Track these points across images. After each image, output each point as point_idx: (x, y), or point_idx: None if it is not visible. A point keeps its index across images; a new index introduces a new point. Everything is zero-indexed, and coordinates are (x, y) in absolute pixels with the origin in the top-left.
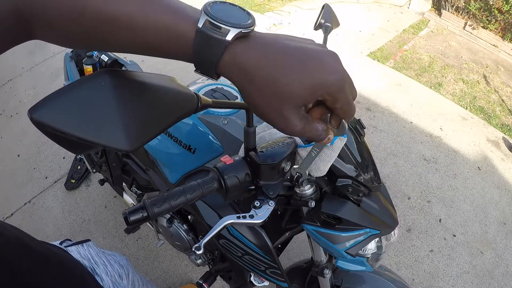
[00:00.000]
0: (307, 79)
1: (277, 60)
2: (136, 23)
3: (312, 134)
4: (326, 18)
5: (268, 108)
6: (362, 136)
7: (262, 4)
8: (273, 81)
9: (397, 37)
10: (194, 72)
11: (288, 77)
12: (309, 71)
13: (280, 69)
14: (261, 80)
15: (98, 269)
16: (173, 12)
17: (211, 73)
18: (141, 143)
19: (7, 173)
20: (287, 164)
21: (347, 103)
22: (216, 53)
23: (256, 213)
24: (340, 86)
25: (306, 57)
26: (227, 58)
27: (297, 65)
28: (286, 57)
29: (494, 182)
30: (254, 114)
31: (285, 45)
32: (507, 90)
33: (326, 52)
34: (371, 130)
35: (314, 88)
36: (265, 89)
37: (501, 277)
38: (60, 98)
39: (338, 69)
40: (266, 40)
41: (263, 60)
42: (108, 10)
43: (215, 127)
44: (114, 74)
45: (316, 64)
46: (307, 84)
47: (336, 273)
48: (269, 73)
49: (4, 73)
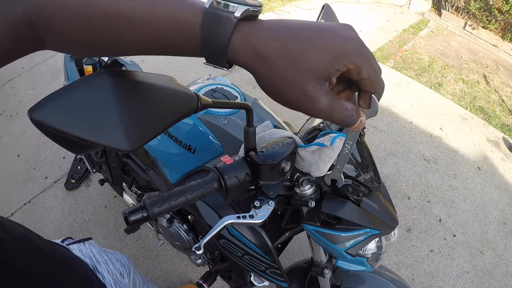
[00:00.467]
0: (326, 49)
1: (291, 35)
2: (141, 18)
3: (341, 115)
4: (326, 18)
5: (288, 87)
6: (362, 136)
7: (262, 4)
8: (289, 57)
9: (397, 37)
10: (193, 73)
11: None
12: (326, 41)
13: (295, 43)
14: (276, 58)
15: (99, 267)
16: (179, 2)
17: (221, 58)
18: (141, 143)
19: (7, 173)
20: (287, 164)
21: (374, 71)
22: (225, 32)
23: (256, 213)
24: (361, 51)
25: (319, 30)
26: (237, 38)
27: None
28: (299, 32)
29: (494, 182)
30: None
31: (295, 22)
32: (507, 90)
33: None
34: (371, 130)
35: (335, 56)
36: (281, 67)
37: (501, 277)
38: (60, 98)
39: (355, 36)
40: (275, 21)
41: (276, 37)
42: (112, 9)
43: (215, 127)
44: (114, 74)
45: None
46: (326, 54)
47: (336, 273)
48: (284, 49)
49: (4, 73)
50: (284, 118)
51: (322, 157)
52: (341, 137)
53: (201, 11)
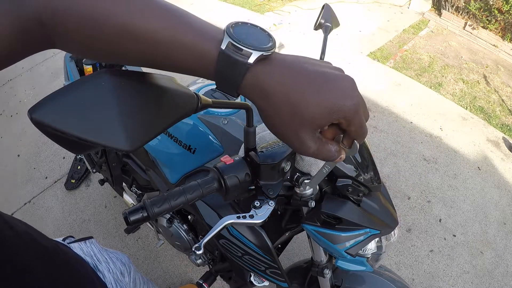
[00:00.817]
0: (325, 103)
1: (297, 84)
2: (159, 41)
3: (325, 155)
4: (326, 18)
5: (285, 129)
6: None
7: (262, 4)
8: (292, 104)
9: (397, 37)
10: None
11: (307, 101)
12: (327, 96)
13: (300, 93)
14: (280, 102)
15: (100, 266)
16: (196, 32)
17: (232, 92)
18: (141, 143)
19: (7, 173)
20: (287, 164)
21: (361, 125)
22: (238, 74)
23: (256, 213)
24: (356, 110)
25: (324, 81)
26: (248, 79)
27: (316, 89)
28: (305, 81)
29: (494, 182)
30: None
31: (304, 68)
32: (507, 90)
33: (344, 76)
34: (371, 130)
35: (332, 112)
36: (283, 111)
37: (501, 277)
38: (60, 98)
39: (355, 94)
40: (286, 62)
41: (283, 83)
42: (132, 26)
43: (215, 127)
44: (114, 74)
45: (334, 88)
46: (324, 109)
47: (336, 273)
48: (289, 96)
49: (4, 73)
50: None
51: None
52: None
53: (217, 47)
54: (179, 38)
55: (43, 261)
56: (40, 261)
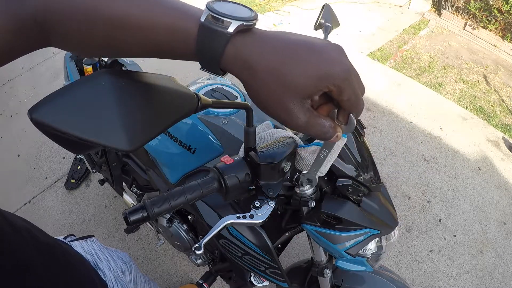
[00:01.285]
0: (311, 69)
1: (280, 52)
2: (142, 25)
3: (317, 130)
4: (326, 18)
5: (271, 101)
6: (362, 136)
7: (262, 4)
8: (276, 73)
9: (397, 37)
10: (193, 73)
11: (292, 69)
12: (313, 62)
13: (284, 61)
14: (264, 72)
15: (101, 264)
16: (176, 12)
17: (215, 68)
18: (141, 143)
19: (7, 173)
20: (287, 164)
21: (354, 94)
22: (219, 46)
23: (256, 213)
24: (345, 76)
25: (309, 49)
26: (230, 51)
27: (301, 56)
28: (290, 49)
29: (494, 182)
30: (260, 110)
31: (288, 38)
32: (507, 90)
33: (331, 44)
34: (371, 130)
35: (319, 78)
36: (268, 81)
37: (501, 277)
38: (60, 98)
39: (343, 60)
40: (268, 34)
41: (266, 53)
42: (115, 15)
43: (215, 127)
44: (114, 74)
45: (320, 55)
46: (311, 75)
47: (336, 273)
48: (273, 65)
49: (4, 73)
50: None
51: None
52: (341, 137)
53: (197, 23)
54: (160, 21)
55: (44, 258)
56: (40, 258)
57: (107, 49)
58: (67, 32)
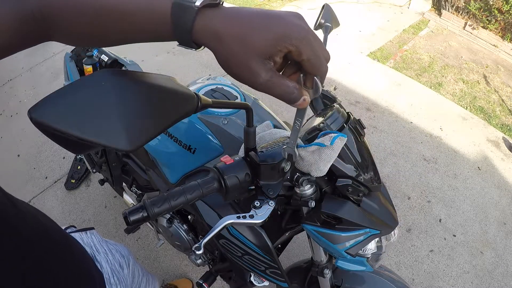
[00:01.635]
0: (270, 32)
1: (244, 21)
2: (124, 10)
3: (281, 90)
4: (326, 18)
5: (235, 62)
6: (362, 136)
7: (262, 4)
8: (239, 37)
9: (397, 37)
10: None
11: (253, 33)
12: (272, 26)
13: (246, 27)
14: (229, 37)
15: (98, 256)
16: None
17: (188, 41)
18: (141, 143)
19: (7, 173)
20: (287, 164)
21: (315, 55)
22: (189, 19)
23: (256, 213)
24: (302, 36)
25: (270, 16)
26: (199, 23)
27: (262, 22)
28: (252, 17)
29: (494, 182)
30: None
31: (251, 10)
32: (507, 90)
33: (290, 12)
34: (371, 130)
35: (277, 39)
36: (232, 46)
37: (501, 277)
38: (60, 98)
39: (301, 23)
40: (233, 8)
41: (231, 22)
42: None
43: (215, 127)
44: (114, 74)
45: (279, 20)
46: (270, 37)
47: (336, 273)
48: (236, 31)
49: (4, 73)
50: (284, 118)
51: (322, 157)
52: (341, 137)
53: (170, 2)
54: (139, 6)
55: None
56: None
57: (96, 38)
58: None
